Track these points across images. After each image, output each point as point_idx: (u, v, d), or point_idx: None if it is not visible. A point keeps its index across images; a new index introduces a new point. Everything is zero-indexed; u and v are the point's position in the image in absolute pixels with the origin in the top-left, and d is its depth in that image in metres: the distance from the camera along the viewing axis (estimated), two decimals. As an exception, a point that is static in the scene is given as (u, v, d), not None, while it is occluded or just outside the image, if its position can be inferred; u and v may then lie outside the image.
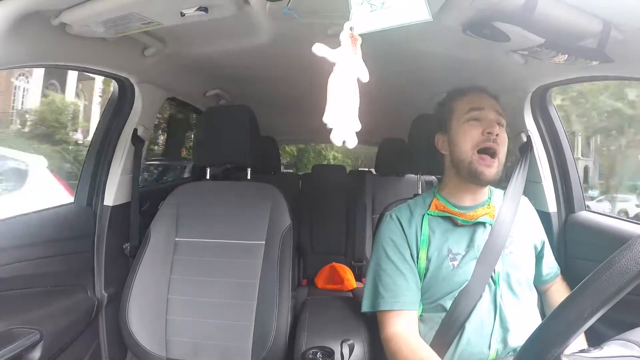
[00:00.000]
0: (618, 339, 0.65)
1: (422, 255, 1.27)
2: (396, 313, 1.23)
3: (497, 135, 1.23)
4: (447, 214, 1.30)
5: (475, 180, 1.27)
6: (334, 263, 2.87)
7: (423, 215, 1.32)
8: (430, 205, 1.34)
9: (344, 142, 0.72)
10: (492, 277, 1.22)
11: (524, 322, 1.20)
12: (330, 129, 0.71)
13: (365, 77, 0.74)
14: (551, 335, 0.61)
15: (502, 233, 1.26)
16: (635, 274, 0.57)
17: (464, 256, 1.25)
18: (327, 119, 0.71)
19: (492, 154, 1.24)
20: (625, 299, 0.60)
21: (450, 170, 1.35)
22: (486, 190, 1.36)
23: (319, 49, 0.71)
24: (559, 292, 1.41)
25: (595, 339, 0.75)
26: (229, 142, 1.73)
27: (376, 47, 0.73)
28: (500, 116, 1.29)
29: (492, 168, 1.24)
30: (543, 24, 1.08)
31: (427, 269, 1.26)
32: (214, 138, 1.75)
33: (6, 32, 1.01)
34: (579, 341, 1.20)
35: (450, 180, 1.36)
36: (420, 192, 1.74)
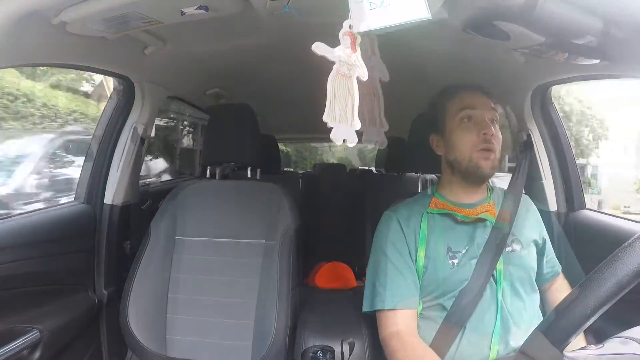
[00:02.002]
0: (619, 337, 0.65)
1: (421, 253, 1.26)
2: (395, 312, 1.22)
3: (492, 135, 1.23)
4: (446, 211, 1.29)
5: (473, 176, 1.27)
6: (333, 262, 2.86)
7: (422, 214, 1.32)
8: (429, 204, 1.34)
9: (344, 140, 0.72)
10: (493, 276, 1.21)
11: (526, 322, 1.19)
12: (331, 128, 0.71)
13: (365, 76, 0.74)
14: (553, 333, 0.61)
15: (503, 231, 1.25)
16: (637, 271, 0.57)
17: (464, 254, 1.24)
18: (327, 118, 0.70)
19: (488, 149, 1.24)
20: (628, 297, 0.60)
21: (447, 170, 1.35)
22: (484, 188, 1.35)
23: (319, 48, 0.71)
24: (559, 291, 1.41)
25: (597, 336, 0.76)
26: (231, 141, 1.73)
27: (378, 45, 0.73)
28: (493, 113, 1.28)
29: (489, 161, 1.23)
30: (543, 23, 1.07)
31: (426, 268, 1.25)
32: (217, 137, 1.74)
33: (6, 32, 1.01)
34: (578, 340, 1.20)
35: (448, 179, 1.35)
36: (420, 191, 1.73)
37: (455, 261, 1.23)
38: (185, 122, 4.15)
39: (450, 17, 1.18)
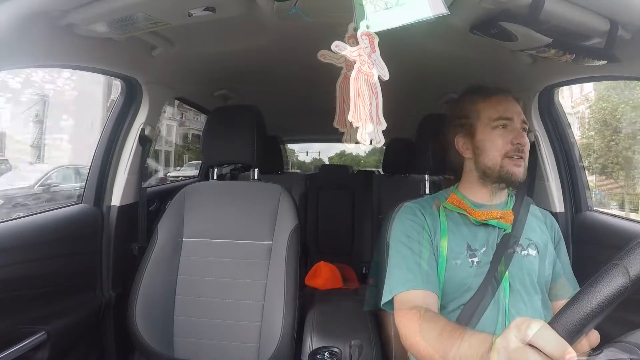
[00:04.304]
0: (617, 342, 0.64)
1: (444, 244, 1.25)
2: (417, 291, 1.17)
3: (525, 145, 1.23)
4: (457, 209, 1.29)
5: (504, 182, 1.26)
6: (330, 263, 2.80)
7: (439, 207, 1.31)
8: (447, 199, 1.33)
9: (371, 141, 0.72)
10: (495, 277, 1.20)
11: None
12: (342, 133, 0.71)
13: (386, 75, 0.74)
14: (562, 326, 0.61)
15: (512, 235, 1.24)
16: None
17: (466, 255, 1.23)
18: (352, 117, 0.70)
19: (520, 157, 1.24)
20: (632, 298, 0.59)
21: (473, 173, 1.33)
22: (505, 192, 1.34)
23: (339, 47, 0.71)
24: (560, 292, 1.39)
25: (604, 339, 0.75)
26: (236, 142, 1.73)
27: (383, 47, 0.73)
28: (524, 123, 1.28)
29: (521, 167, 1.24)
30: (550, 24, 1.07)
31: (447, 260, 1.23)
32: (221, 138, 1.75)
33: (13, 32, 1.02)
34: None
35: (471, 181, 1.34)
36: (427, 192, 1.73)
37: (458, 262, 1.22)
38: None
39: (457, 18, 1.19)
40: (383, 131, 0.73)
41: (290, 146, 8.03)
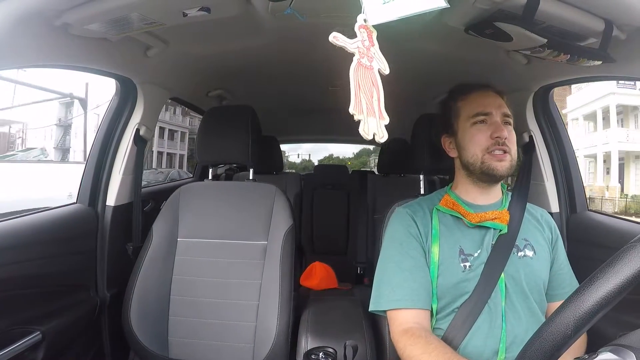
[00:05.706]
0: (613, 345, 0.63)
1: (435, 249, 1.24)
2: (405, 311, 1.19)
3: (505, 137, 1.22)
4: (453, 212, 1.28)
5: (488, 178, 1.25)
6: (324, 263, 2.79)
7: (432, 210, 1.30)
8: (440, 201, 1.32)
9: (374, 135, 0.71)
10: (491, 279, 1.18)
11: (529, 327, 1.17)
12: (358, 121, 0.70)
13: (386, 69, 0.73)
14: (547, 342, 0.60)
15: (508, 236, 1.23)
16: (634, 277, 0.56)
17: (458, 259, 1.22)
18: (353, 109, 0.70)
19: (503, 151, 1.22)
20: (628, 299, 0.59)
21: (461, 171, 1.33)
22: (499, 190, 1.34)
23: (337, 38, 0.70)
24: (558, 292, 1.38)
25: (599, 340, 0.74)
26: (231, 142, 1.72)
27: (379, 45, 0.73)
28: (507, 116, 1.27)
29: (505, 162, 1.22)
30: (545, 24, 1.08)
31: (441, 264, 1.22)
32: (216, 138, 1.74)
33: (8, 33, 1.01)
34: (580, 342, 1.18)
35: (462, 180, 1.34)
36: (422, 192, 1.73)
37: (450, 266, 1.21)
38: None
39: (453, 18, 1.19)
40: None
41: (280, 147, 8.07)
